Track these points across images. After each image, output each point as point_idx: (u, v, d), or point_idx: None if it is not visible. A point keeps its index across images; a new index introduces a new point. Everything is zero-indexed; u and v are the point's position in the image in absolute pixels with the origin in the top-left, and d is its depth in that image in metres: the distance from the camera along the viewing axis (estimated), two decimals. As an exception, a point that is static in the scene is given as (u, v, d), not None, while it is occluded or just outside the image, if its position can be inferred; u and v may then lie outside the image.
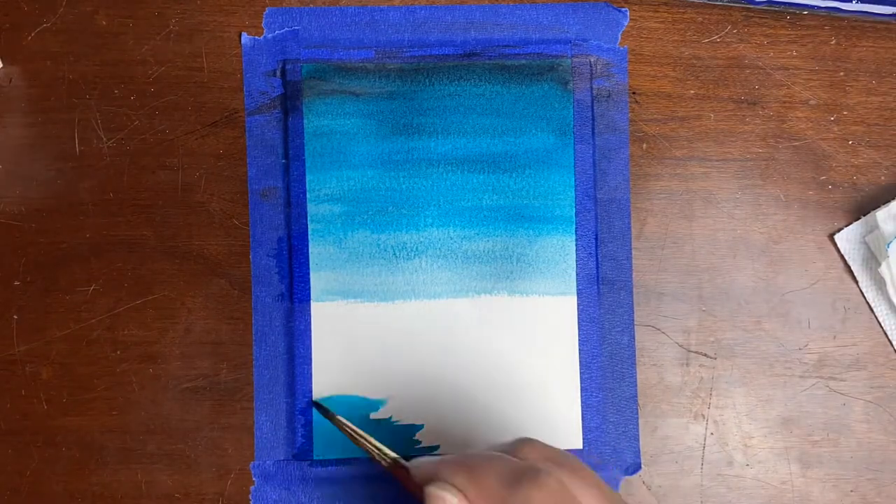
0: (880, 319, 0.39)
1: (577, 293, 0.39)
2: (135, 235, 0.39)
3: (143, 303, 0.39)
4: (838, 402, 0.40)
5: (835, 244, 0.40)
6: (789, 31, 0.40)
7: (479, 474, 0.28)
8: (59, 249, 0.39)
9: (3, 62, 0.39)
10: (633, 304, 0.39)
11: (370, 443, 0.35)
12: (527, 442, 0.31)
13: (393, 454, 0.35)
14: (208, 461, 0.39)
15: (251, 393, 0.39)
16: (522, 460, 0.29)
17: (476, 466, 0.29)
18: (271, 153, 0.39)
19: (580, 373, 0.39)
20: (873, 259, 0.39)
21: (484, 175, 0.39)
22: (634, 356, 0.39)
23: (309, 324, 0.38)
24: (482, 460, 0.29)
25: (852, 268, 0.39)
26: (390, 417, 0.39)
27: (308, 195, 0.39)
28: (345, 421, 0.37)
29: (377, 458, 0.35)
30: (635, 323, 0.39)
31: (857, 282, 0.39)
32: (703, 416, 0.40)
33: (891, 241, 0.38)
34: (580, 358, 0.39)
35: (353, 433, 0.36)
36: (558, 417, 0.39)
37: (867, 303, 0.39)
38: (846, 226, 0.40)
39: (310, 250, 0.39)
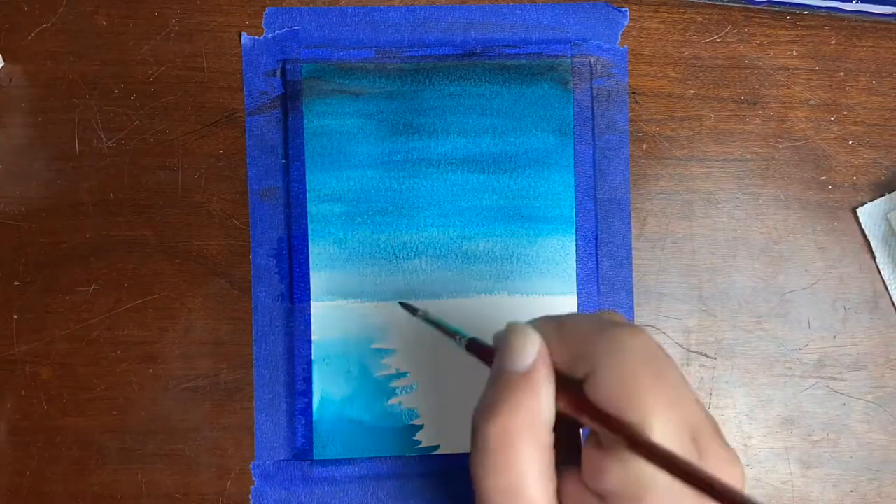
0: (894, 298, 0.39)
1: (577, 293, 0.39)
2: (135, 235, 0.39)
3: (143, 303, 0.39)
4: (838, 402, 0.40)
5: (856, 217, 0.39)
6: (789, 31, 0.40)
7: (568, 320, 0.27)
8: (59, 249, 0.39)
9: (3, 61, 0.39)
10: (633, 304, 0.39)
11: (447, 328, 0.33)
12: (609, 310, 0.30)
13: (470, 336, 0.32)
14: (208, 461, 0.39)
15: (251, 393, 0.39)
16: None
17: (564, 317, 0.28)
18: (271, 153, 0.39)
19: (580, 373, 0.39)
20: (893, 236, 0.39)
21: (484, 175, 0.39)
22: (634, 356, 0.39)
23: (309, 324, 0.38)
24: (571, 314, 0.28)
25: (871, 243, 0.39)
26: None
27: (308, 195, 0.39)
28: (428, 315, 0.33)
29: (457, 341, 0.32)
30: (635, 323, 0.39)
31: (874, 257, 0.39)
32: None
33: None
34: (580, 358, 0.39)
35: (433, 322, 0.33)
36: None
37: (882, 280, 0.39)
38: (845, 226, 0.40)
39: (310, 250, 0.39)
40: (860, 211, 0.39)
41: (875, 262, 0.40)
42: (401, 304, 0.37)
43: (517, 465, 0.25)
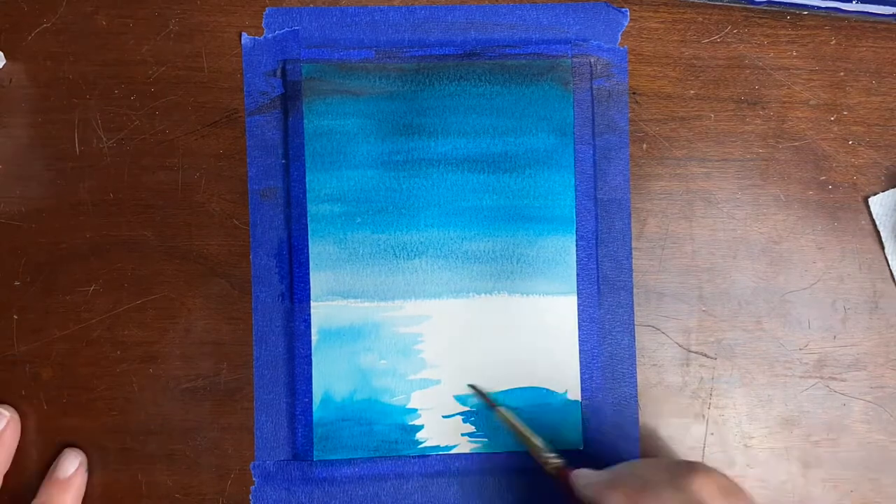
0: None
1: (577, 293, 0.39)
2: (135, 235, 0.39)
3: (143, 303, 0.39)
4: (838, 402, 0.40)
5: (867, 207, 0.39)
6: (789, 31, 0.40)
7: None
8: (59, 249, 0.39)
9: (4, 59, 0.39)
10: (633, 304, 0.39)
11: (531, 441, 0.34)
12: (702, 472, 0.30)
13: (555, 461, 0.34)
14: (208, 461, 0.39)
15: (251, 393, 0.39)
16: (695, 493, 0.29)
17: (648, 497, 0.30)
18: (271, 153, 0.39)
19: (580, 373, 0.39)
20: None
21: (484, 175, 0.39)
22: (634, 356, 0.39)
23: (309, 324, 0.38)
24: (653, 493, 0.30)
25: (881, 234, 0.39)
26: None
27: (308, 195, 0.39)
28: (507, 414, 0.35)
29: (537, 458, 0.34)
30: (635, 323, 0.39)
31: (883, 247, 0.39)
32: (704, 416, 0.40)
33: None
34: (580, 358, 0.39)
35: (514, 427, 0.35)
36: (558, 418, 0.39)
37: (889, 270, 0.39)
38: (845, 226, 0.40)
39: (310, 250, 0.39)
40: (872, 200, 0.39)
41: (883, 252, 0.39)
42: (471, 387, 0.38)
43: None
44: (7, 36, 0.39)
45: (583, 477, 0.32)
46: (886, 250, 0.39)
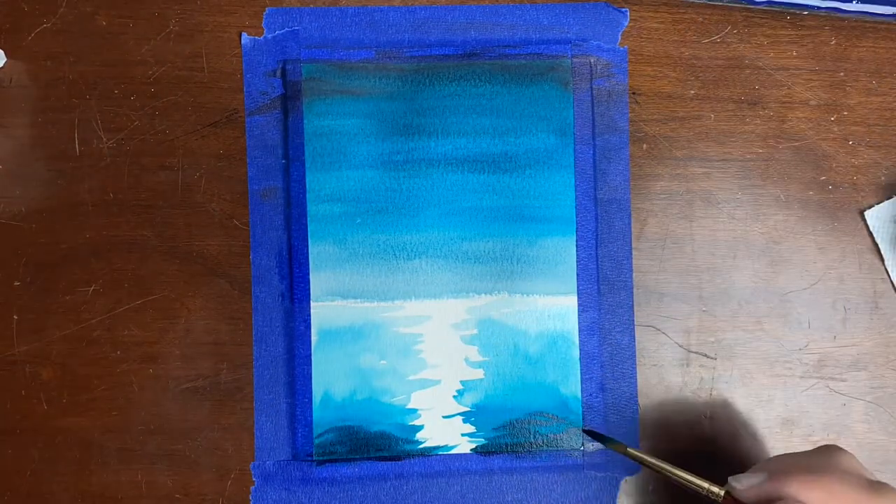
0: None
1: (577, 293, 0.39)
2: (135, 235, 0.39)
3: (143, 303, 0.39)
4: (838, 402, 0.40)
5: (863, 219, 0.39)
6: (789, 32, 0.40)
7: (835, 489, 0.30)
8: (59, 250, 0.39)
9: (5, 58, 0.39)
10: (633, 304, 0.39)
11: (676, 474, 0.34)
12: (843, 452, 0.32)
13: (705, 483, 0.33)
14: (208, 461, 0.39)
15: (251, 393, 0.39)
16: (854, 465, 0.31)
17: (826, 480, 0.30)
18: (271, 153, 0.39)
19: (580, 373, 0.39)
20: None
21: (484, 175, 0.39)
22: (634, 356, 0.39)
23: (309, 324, 0.38)
24: (829, 475, 0.30)
25: (880, 246, 0.39)
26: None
27: (308, 195, 0.39)
28: (642, 455, 0.35)
29: (690, 487, 0.33)
30: (635, 323, 0.39)
31: (882, 259, 0.39)
32: (704, 416, 0.39)
33: None
34: (580, 358, 0.39)
35: (655, 466, 0.34)
36: (559, 418, 0.39)
37: (890, 281, 0.39)
38: (845, 226, 0.40)
39: (310, 250, 0.39)
40: (868, 213, 0.39)
41: (883, 265, 0.39)
42: (588, 432, 0.38)
43: None
44: (7, 36, 0.39)
45: (741, 481, 0.32)
46: (886, 262, 0.39)
